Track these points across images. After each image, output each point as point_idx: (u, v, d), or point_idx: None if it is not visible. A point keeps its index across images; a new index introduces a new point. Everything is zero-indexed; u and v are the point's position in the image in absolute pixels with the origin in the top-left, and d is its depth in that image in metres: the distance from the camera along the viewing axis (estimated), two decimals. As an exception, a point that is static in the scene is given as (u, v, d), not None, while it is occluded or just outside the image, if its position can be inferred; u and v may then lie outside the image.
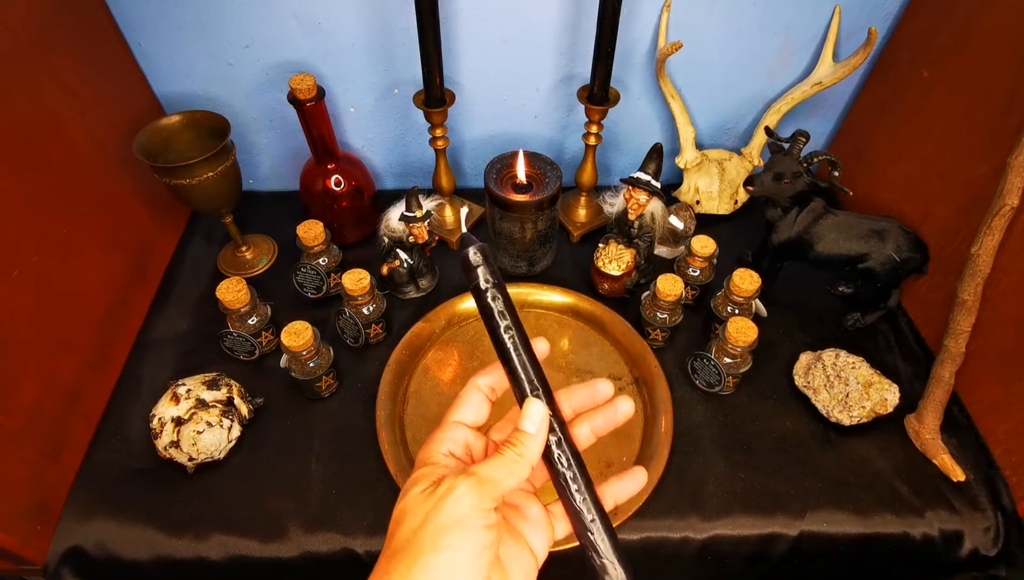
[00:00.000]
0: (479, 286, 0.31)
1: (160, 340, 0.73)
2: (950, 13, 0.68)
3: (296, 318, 0.63)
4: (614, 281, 0.75)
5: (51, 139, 0.62)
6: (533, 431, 0.30)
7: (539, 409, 0.31)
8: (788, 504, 0.60)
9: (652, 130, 0.89)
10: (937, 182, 0.70)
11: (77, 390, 0.63)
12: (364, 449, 0.63)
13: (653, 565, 0.61)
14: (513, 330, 0.31)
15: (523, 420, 0.31)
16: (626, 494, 0.35)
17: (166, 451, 0.60)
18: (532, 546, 0.32)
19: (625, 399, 0.34)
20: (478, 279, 0.31)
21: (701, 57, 0.79)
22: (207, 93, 0.80)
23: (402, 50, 0.77)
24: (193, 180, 0.67)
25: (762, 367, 0.70)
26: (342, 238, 0.82)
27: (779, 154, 0.66)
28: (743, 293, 0.67)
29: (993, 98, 0.62)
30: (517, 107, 0.85)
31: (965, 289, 0.61)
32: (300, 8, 0.72)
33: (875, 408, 0.64)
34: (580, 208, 0.87)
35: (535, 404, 0.31)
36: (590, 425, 0.35)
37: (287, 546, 0.58)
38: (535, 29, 0.76)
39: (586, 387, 0.35)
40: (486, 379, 0.34)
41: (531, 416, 0.30)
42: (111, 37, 0.72)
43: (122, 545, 0.57)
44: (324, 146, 0.75)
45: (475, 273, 0.31)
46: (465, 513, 0.28)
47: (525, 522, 0.33)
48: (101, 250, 0.68)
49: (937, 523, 0.60)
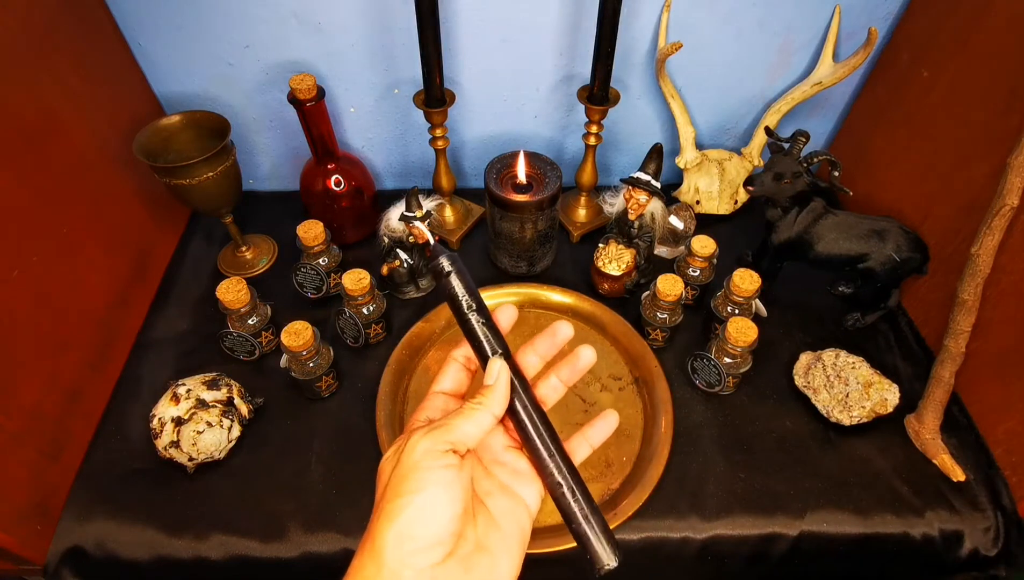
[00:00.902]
0: (442, 269, 0.34)
1: (160, 340, 0.73)
2: (950, 13, 0.68)
3: (296, 318, 0.63)
4: (614, 281, 0.75)
5: (51, 139, 0.61)
6: (491, 382, 0.33)
7: (497, 363, 0.33)
8: (788, 504, 0.60)
9: (652, 130, 0.89)
10: (937, 182, 0.70)
11: (77, 390, 0.63)
12: (364, 449, 0.63)
13: (653, 565, 0.61)
14: (475, 307, 0.34)
15: (486, 376, 0.34)
16: (601, 437, 0.37)
17: (166, 451, 0.60)
18: (524, 497, 0.34)
19: (586, 347, 0.36)
20: (441, 264, 0.34)
21: (701, 57, 0.79)
22: (207, 93, 0.80)
23: (402, 50, 0.77)
24: (193, 180, 0.67)
25: (762, 367, 0.70)
26: (342, 238, 0.82)
27: (779, 154, 0.66)
28: (743, 293, 0.67)
29: (993, 98, 0.62)
30: (517, 107, 0.85)
31: (965, 289, 0.61)
32: (300, 8, 0.72)
33: (875, 408, 0.64)
34: (580, 208, 0.87)
35: (495, 362, 0.34)
36: (557, 376, 0.37)
37: (287, 546, 0.58)
38: (535, 29, 0.76)
39: (547, 334, 0.37)
40: (461, 350, 0.37)
41: (491, 371, 0.34)
42: (111, 37, 0.72)
43: (122, 545, 0.57)
44: (324, 146, 0.75)
45: (438, 262, 0.34)
46: (419, 458, 0.30)
47: (514, 476, 0.35)
48: (101, 250, 0.68)
49: (937, 523, 0.60)
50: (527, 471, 0.35)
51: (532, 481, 0.35)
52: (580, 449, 0.37)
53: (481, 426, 0.32)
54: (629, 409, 0.68)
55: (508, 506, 0.33)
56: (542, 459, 0.33)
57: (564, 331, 0.37)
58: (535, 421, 0.34)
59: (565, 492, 0.33)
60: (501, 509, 0.33)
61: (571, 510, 0.33)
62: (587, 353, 0.36)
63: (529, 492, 0.34)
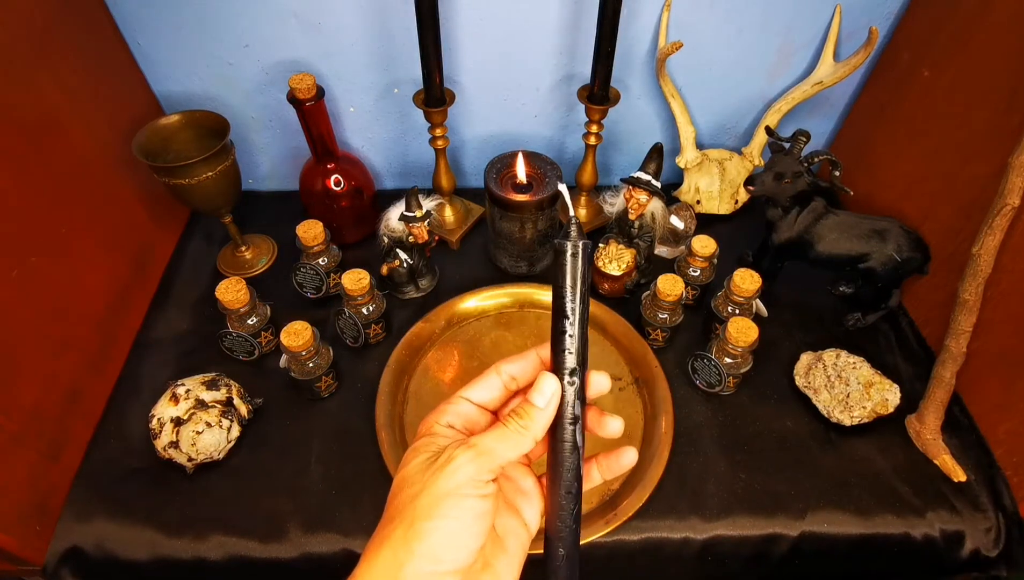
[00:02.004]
0: (574, 243, 0.30)
1: (160, 340, 0.73)
2: (951, 12, 0.68)
3: (296, 318, 0.63)
4: (614, 281, 0.75)
5: (50, 139, 0.61)
6: (542, 405, 0.30)
7: (551, 384, 0.30)
8: (789, 504, 0.60)
9: (652, 130, 0.89)
10: (938, 182, 0.70)
11: (77, 390, 0.63)
12: (364, 449, 0.63)
13: (654, 566, 0.60)
14: (579, 305, 0.30)
15: (534, 392, 0.30)
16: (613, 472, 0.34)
17: (165, 451, 0.60)
18: (525, 518, 0.33)
19: (630, 450, 0.33)
20: (575, 239, 0.30)
21: (701, 57, 0.79)
22: (206, 93, 0.80)
23: (402, 50, 0.76)
24: (192, 180, 0.67)
25: (763, 367, 0.70)
26: (342, 238, 0.82)
27: (780, 154, 0.66)
28: (744, 293, 0.66)
29: (994, 97, 0.62)
30: (517, 107, 0.85)
31: (966, 289, 0.61)
32: (300, 8, 0.72)
33: (876, 408, 0.63)
34: (580, 208, 0.87)
35: (548, 379, 0.30)
36: (598, 469, 0.34)
37: (287, 547, 0.57)
38: (535, 29, 0.76)
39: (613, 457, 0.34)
40: (511, 367, 0.33)
41: (542, 389, 0.30)
42: (111, 37, 0.72)
43: (121, 545, 0.57)
44: (324, 146, 0.75)
45: (574, 235, 0.30)
46: (461, 483, 0.28)
47: (520, 494, 0.33)
48: (101, 250, 0.68)
49: (938, 523, 0.60)
50: (532, 491, 0.34)
51: (536, 502, 0.33)
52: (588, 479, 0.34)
53: (520, 452, 0.30)
54: (629, 409, 0.68)
55: (512, 526, 0.32)
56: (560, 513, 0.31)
57: (628, 458, 0.33)
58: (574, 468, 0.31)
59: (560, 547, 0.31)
60: (506, 528, 0.32)
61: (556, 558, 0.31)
62: (630, 455, 0.33)
63: (531, 513, 0.33)
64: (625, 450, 0.33)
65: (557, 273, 0.30)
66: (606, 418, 0.33)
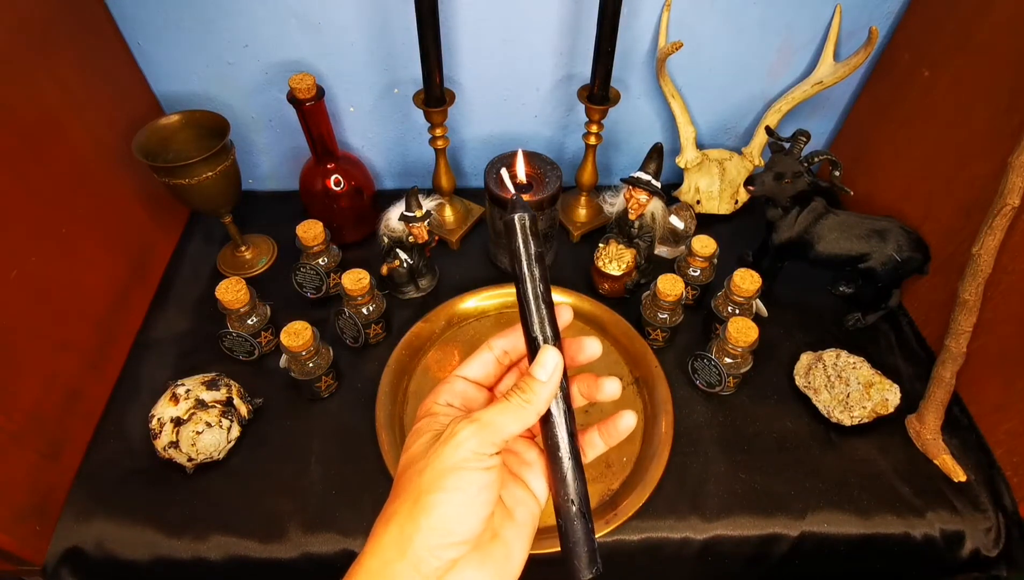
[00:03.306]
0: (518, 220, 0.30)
1: (160, 340, 0.73)
2: (951, 12, 0.68)
3: (296, 318, 0.63)
4: (614, 281, 0.75)
5: (50, 139, 0.61)
6: (544, 378, 0.30)
7: (553, 357, 0.30)
8: (789, 504, 0.60)
9: (652, 130, 0.89)
10: (938, 182, 0.70)
11: (77, 390, 0.63)
12: (364, 449, 0.63)
13: (654, 566, 0.61)
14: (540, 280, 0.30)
15: (535, 366, 0.30)
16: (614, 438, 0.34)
17: (165, 451, 0.60)
18: (533, 489, 0.33)
19: (629, 413, 0.34)
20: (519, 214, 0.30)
21: (701, 57, 0.79)
22: (206, 92, 0.80)
23: (402, 50, 0.76)
24: (192, 180, 0.67)
25: (763, 367, 0.70)
26: (342, 238, 0.82)
27: (780, 154, 0.66)
28: (744, 293, 0.66)
29: (994, 97, 0.62)
30: (517, 107, 0.84)
31: (966, 289, 0.61)
32: (300, 8, 0.72)
33: (876, 408, 0.63)
34: (580, 208, 0.87)
35: (550, 351, 0.30)
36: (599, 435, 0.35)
37: (286, 547, 0.57)
38: (535, 29, 0.76)
39: (574, 342, 0.34)
40: (501, 342, 0.34)
41: (544, 363, 0.30)
42: (110, 37, 0.72)
43: (121, 545, 0.57)
44: (324, 146, 0.75)
45: (515, 209, 0.30)
46: (465, 456, 0.28)
47: (524, 466, 0.34)
48: (101, 250, 0.68)
49: (938, 523, 0.60)
50: (537, 463, 0.34)
51: (543, 474, 0.34)
52: (592, 447, 0.35)
53: (524, 425, 0.30)
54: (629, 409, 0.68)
55: (521, 496, 0.33)
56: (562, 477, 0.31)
57: (592, 349, 0.34)
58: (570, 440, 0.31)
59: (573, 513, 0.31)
60: (515, 499, 0.32)
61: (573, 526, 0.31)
62: (628, 418, 0.34)
63: (539, 484, 0.33)
64: (623, 414, 0.34)
65: (509, 245, 0.31)
66: (602, 380, 0.33)
